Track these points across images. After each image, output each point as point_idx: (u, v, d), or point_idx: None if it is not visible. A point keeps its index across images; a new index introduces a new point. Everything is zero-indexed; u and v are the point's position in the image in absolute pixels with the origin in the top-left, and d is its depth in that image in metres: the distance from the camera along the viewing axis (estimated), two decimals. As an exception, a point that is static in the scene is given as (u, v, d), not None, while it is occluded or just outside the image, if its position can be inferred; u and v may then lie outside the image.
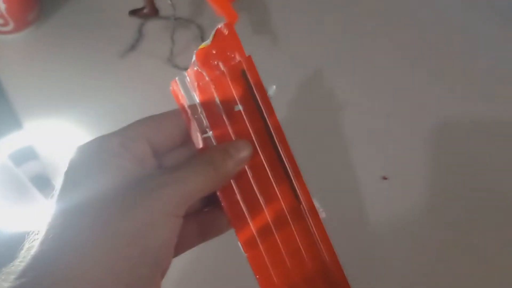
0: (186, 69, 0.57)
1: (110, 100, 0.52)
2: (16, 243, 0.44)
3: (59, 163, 0.48)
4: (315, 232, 0.25)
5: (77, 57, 0.55)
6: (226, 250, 0.44)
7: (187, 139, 0.25)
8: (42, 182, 0.47)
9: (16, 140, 0.48)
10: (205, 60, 0.25)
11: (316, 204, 0.26)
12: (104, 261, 0.19)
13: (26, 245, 0.20)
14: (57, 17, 0.58)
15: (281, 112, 0.25)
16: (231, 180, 0.25)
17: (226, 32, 0.25)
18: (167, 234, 0.21)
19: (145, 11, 0.49)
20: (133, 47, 0.55)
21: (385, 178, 0.50)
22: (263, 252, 0.25)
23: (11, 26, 0.54)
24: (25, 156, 0.47)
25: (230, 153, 0.24)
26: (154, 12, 0.50)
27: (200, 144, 0.25)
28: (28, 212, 0.44)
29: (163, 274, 0.22)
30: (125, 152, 0.22)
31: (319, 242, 0.25)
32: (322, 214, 0.26)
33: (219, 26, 0.25)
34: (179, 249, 0.24)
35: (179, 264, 0.41)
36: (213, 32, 0.25)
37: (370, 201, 0.48)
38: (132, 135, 0.23)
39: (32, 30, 0.56)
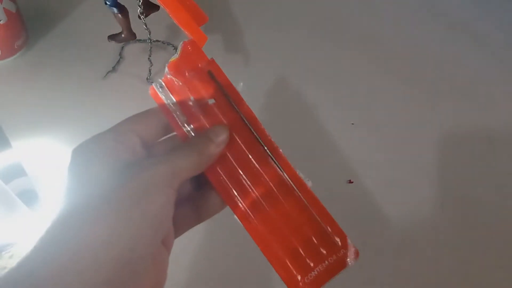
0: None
1: (94, 118, 0.55)
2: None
3: (46, 178, 0.51)
4: (303, 197, 0.27)
5: (62, 79, 0.58)
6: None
7: (171, 131, 0.28)
8: (30, 197, 0.49)
9: (5, 158, 0.51)
10: (176, 70, 0.29)
11: (301, 175, 0.28)
12: (107, 221, 0.21)
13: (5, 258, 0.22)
14: (43, 43, 0.62)
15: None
16: (217, 166, 0.28)
17: (190, 47, 0.29)
18: (162, 200, 0.23)
19: (122, 35, 0.53)
20: (114, 68, 0.59)
21: (350, 182, 0.53)
22: (259, 224, 0.27)
23: (-1, 53, 0.58)
24: (14, 173, 0.50)
25: (210, 137, 0.27)
26: (131, 36, 0.53)
27: (183, 136, 0.28)
28: (16, 225, 0.47)
29: (167, 246, 0.25)
30: (118, 144, 0.25)
31: (309, 205, 0.27)
32: (309, 183, 0.28)
33: (183, 43, 0.29)
34: (178, 230, 0.28)
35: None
36: (179, 48, 0.29)
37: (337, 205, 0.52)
38: (123, 130, 0.26)
39: (20, 56, 0.60)
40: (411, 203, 0.52)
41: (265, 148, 0.28)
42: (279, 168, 0.28)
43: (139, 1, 0.49)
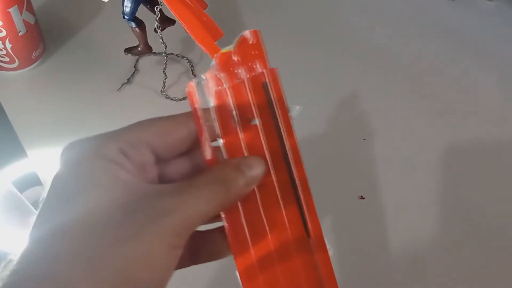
0: (177, 99, 0.61)
1: (108, 128, 0.55)
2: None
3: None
4: (321, 269, 0.23)
5: (78, 90, 0.59)
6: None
7: (193, 147, 0.23)
8: (44, 206, 0.50)
9: (20, 167, 0.52)
10: (226, 65, 0.23)
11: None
12: None
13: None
14: (60, 55, 0.63)
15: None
16: (239, 204, 0.22)
17: (251, 40, 0.23)
18: (163, 272, 0.18)
19: (139, 49, 0.54)
20: (129, 80, 0.60)
21: (362, 198, 0.53)
22: (261, 283, 0.22)
23: (16, 63, 0.59)
24: (29, 182, 0.51)
25: (242, 170, 0.21)
26: (147, 49, 0.54)
27: (208, 153, 0.22)
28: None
29: None
30: (125, 160, 0.19)
31: (324, 280, 0.23)
32: (330, 252, 0.24)
33: (245, 33, 0.23)
34: None
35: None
36: (237, 38, 0.23)
37: (349, 220, 0.52)
38: (134, 140, 0.20)
39: (36, 67, 0.61)
40: (423, 220, 0.52)
41: (299, 195, 0.23)
42: (305, 224, 0.23)
43: (157, 16, 0.50)
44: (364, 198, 0.53)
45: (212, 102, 0.22)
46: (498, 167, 0.58)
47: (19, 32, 0.56)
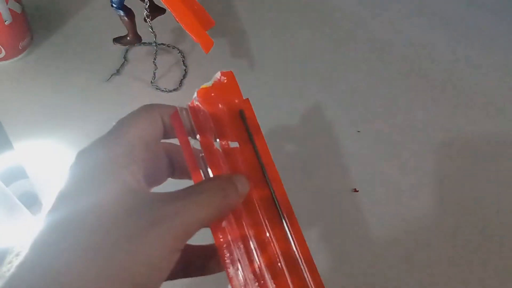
0: (168, 91, 0.60)
1: (97, 120, 0.55)
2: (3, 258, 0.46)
3: (47, 181, 0.50)
4: (310, 280, 0.24)
5: (66, 81, 0.58)
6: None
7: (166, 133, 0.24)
8: (30, 200, 0.49)
9: (6, 159, 0.51)
10: (205, 98, 0.26)
11: None
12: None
13: (6, 265, 0.19)
14: (47, 45, 0.61)
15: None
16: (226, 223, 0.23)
17: (225, 80, 0.26)
18: (161, 272, 0.20)
19: (128, 38, 0.53)
20: (118, 71, 0.59)
21: (356, 191, 0.53)
22: None
23: (3, 54, 0.57)
24: (15, 174, 0.50)
25: (235, 184, 0.23)
26: (137, 39, 0.53)
27: (195, 173, 0.24)
28: (16, 228, 0.46)
29: None
30: (131, 162, 0.21)
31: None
32: None
33: (218, 76, 0.26)
34: None
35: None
36: (213, 78, 0.26)
37: (343, 213, 0.51)
38: (136, 141, 0.22)
39: (24, 57, 0.60)
40: (417, 213, 0.52)
41: (281, 212, 0.24)
42: (290, 240, 0.24)
43: (146, 4, 0.48)
44: (357, 191, 0.52)
45: (195, 128, 0.25)
46: (495, 161, 0.57)
47: (5, 21, 0.54)
